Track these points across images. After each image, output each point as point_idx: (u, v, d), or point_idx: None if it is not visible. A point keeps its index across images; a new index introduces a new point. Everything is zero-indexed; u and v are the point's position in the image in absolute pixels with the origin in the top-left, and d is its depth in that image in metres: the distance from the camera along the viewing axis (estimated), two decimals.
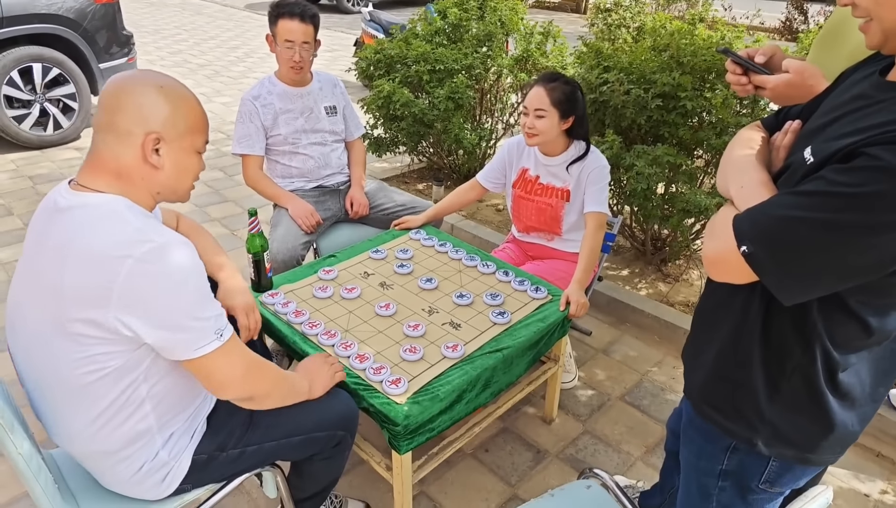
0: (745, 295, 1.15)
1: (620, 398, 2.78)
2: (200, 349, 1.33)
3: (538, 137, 2.41)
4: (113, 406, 1.37)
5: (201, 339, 1.33)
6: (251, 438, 1.63)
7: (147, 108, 1.33)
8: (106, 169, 1.35)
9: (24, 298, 1.38)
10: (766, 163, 1.18)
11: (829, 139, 1.00)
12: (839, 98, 1.09)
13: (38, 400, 1.45)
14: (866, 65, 1.11)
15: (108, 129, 1.34)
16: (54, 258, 1.29)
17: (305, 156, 2.89)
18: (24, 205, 4.37)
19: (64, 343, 1.30)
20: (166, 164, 1.38)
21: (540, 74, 2.43)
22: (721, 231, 1.05)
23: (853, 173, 0.91)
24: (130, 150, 1.34)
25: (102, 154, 1.35)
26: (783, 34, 10.51)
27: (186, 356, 1.33)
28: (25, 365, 1.44)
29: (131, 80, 1.36)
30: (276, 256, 2.61)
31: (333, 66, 8.44)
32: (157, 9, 13.27)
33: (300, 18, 2.64)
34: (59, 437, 1.47)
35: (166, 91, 1.36)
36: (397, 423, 1.71)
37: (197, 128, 1.43)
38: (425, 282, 2.31)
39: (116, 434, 1.40)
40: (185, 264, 1.29)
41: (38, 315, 1.33)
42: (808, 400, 1.15)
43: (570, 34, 4.64)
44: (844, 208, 0.91)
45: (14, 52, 4.92)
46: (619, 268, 3.68)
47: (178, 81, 1.43)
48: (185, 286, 1.29)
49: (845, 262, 0.94)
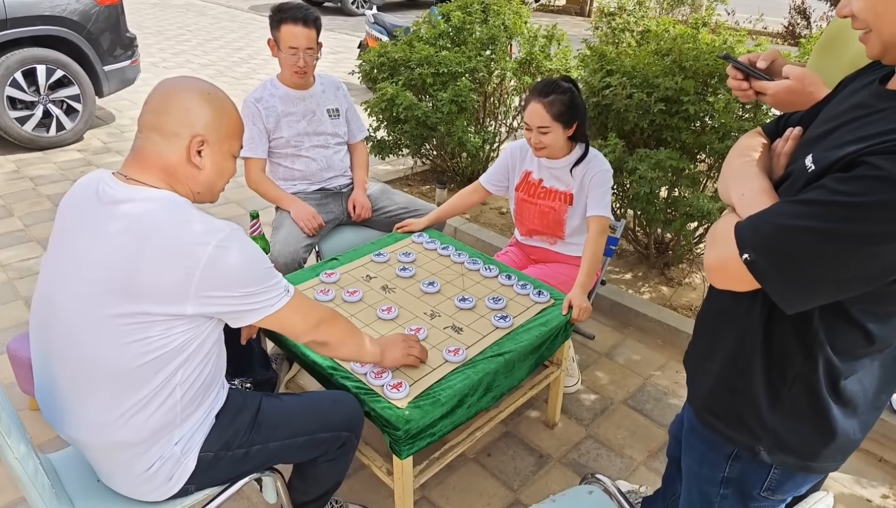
0: (746, 303, 1.15)
1: (623, 402, 2.77)
2: (275, 305, 1.49)
3: (546, 150, 2.41)
4: (152, 391, 1.41)
5: (275, 298, 1.49)
6: (256, 438, 1.64)
7: (194, 113, 1.45)
8: (153, 165, 1.44)
9: (68, 286, 1.40)
10: (767, 169, 1.18)
11: (830, 147, 1.00)
12: (839, 106, 1.09)
13: (62, 390, 1.45)
14: (866, 73, 1.11)
15: (154, 129, 1.44)
16: (124, 248, 1.33)
17: (308, 158, 2.89)
18: (25, 206, 4.37)
19: (128, 327, 1.34)
20: (207, 165, 1.49)
21: (534, 86, 2.39)
22: (723, 238, 1.05)
23: (854, 182, 0.90)
24: (176, 150, 1.44)
25: (147, 151, 1.44)
26: (786, 39, 10.49)
27: (265, 314, 1.48)
28: (58, 354, 1.44)
29: (180, 85, 1.48)
30: (278, 259, 2.60)
31: (337, 69, 8.45)
32: (160, 10, 13.30)
33: (303, 23, 2.64)
34: (76, 429, 1.46)
35: (211, 98, 1.48)
36: (398, 428, 1.70)
37: (235, 134, 1.56)
38: (427, 286, 2.31)
39: (146, 423, 1.43)
40: (250, 243, 1.45)
41: (95, 301, 1.35)
42: (809, 408, 1.14)
43: (574, 37, 4.64)
44: (845, 218, 0.90)
45: (18, 53, 4.93)
46: (622, 272, 3.67)
47: (219, 89, 1.54)
48: (256, 259, 1.45)
49: (847, 271, 0.94)
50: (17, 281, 3.50)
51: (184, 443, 1.51)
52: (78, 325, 1.38)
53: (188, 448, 1.52)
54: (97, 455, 1.51)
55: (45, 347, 1.48)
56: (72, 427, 1.47)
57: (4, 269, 3.62)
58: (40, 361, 1.51)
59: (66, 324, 1.40)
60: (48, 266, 1.46)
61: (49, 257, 1.46)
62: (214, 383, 1.57)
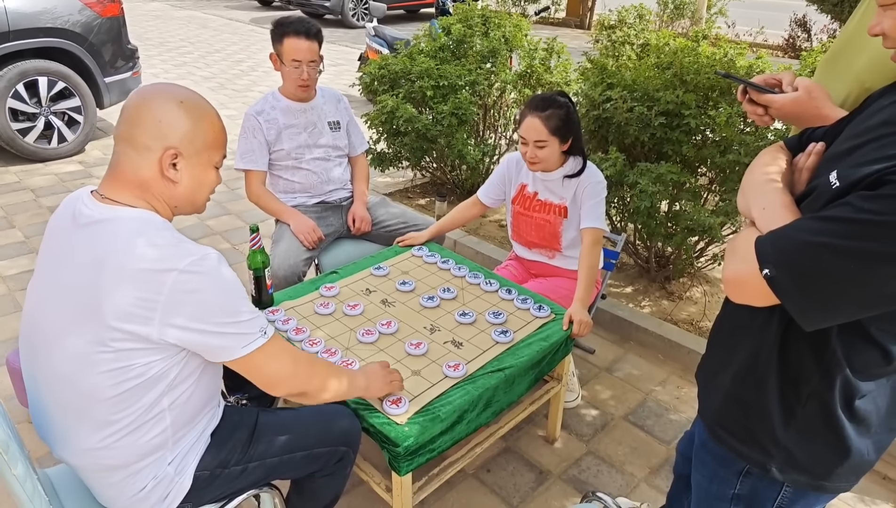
0: (763, 318, 1.13)
1: (624, 418, 2.75)
2: (248, 346, 1.38)
3: (541, 164, 2.41)
4: (137, 417, 1.37)
5: (248, 337, 1.38)
6: (253, 454, 1.62)
7: (166, 124, 1.36)
8: (128, 181, 1.38)
9: (48, 312, 1.37)
10: (789, 184, 1.17)
11: (855, 164, 0.99)
12: (865, 123, 1.08)
13: (52, 413, 1.43)
14: (893, 90, 1.10)
15: (128, 142, 1.37)
16: (88, 273, 1.29)
17: (308, 171, 2.88)
18: (26, 218, 4.37)
19: (101, 355, 1.30)
20: (184, 179, 1.41)
21: (530, 101, 2.38)
22: (743, 252, 1.04)
23: (880, 201, 0.89)
24: (148, 164, 1.37)
25: (122, 166, 1.38)
26: (786, 51, 10.53)
27: (235, 355, 1.38)
28: (41, 378, 1.42)
29: (153, 93, 1.38)
30: (278, 272, 2.59)
31: (338, 80, 8.47)
32: (162, 22, 13.36)
33: (306, 36, 2.64)
34: (67, 451, 1.45)
35: (186, 106, 1.38)
36: (398, 444, 1.69)
37: (215, 145, 1.45)
38: (427, 300, 2.29)
39: (135, 446, 1.40)
40: (224, 270, 1.35)
41: (69, 329, 1.32)
42: (823, 426, 1.13)
43: (575, 49, 4.65)
44: (870, 236, 0.89)
45: (20, 65, 4.94)
46: (622, 286, 3.66)
47: (199, 96, 1.45)
48: (228, 290, 1.35)
49: (869, 291, 0.93)
50: (18, 293, 3.49)
51: (177, 463, 1.49)
52: (57, 353, 1.36)
53: (182, 468, 1.50)
54: (90, 477, 1.49)
55: (32, 370, 1.46)
56: (63, 450, 1.46)
57: (4, 281, 3.61)
58: (30, 383, 1.49)
59: (48, 351, 1.38)
60: (31, 290, 1.43)
61: (33, 281, 1.44)
62: (207, 405, 1.54)
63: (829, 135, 1.20)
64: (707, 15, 10.31)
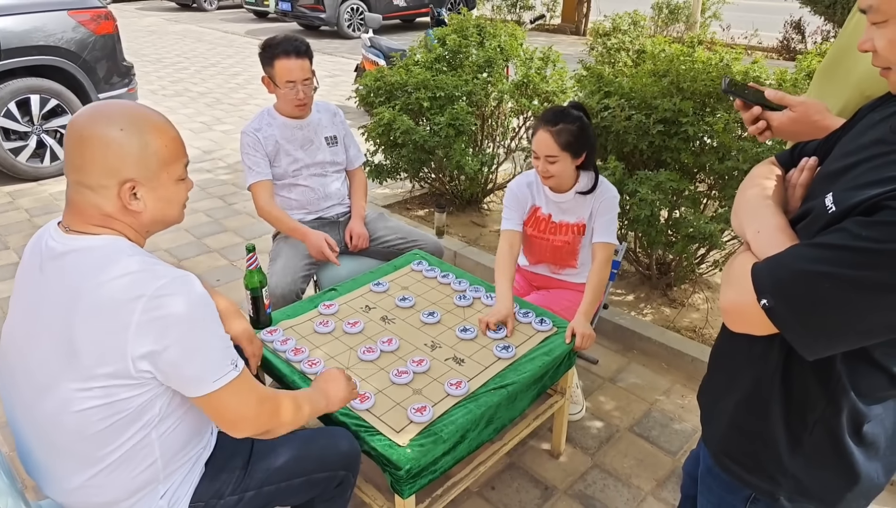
0: (761, 347, 1.11)
1: (629, 429, 2.72)
2: (218, 380, 1.30)
3: (553, 179, 2.36)
4: (124, 452, 1.33)
5: (218, 370, 1.30)
6: (249, 483, 1.58)
7: (112, 157, 1.27)
8: (90, 215, 1.31)
9: (23, 349, 1.34)
10: (782, 202, 1.14)
11: (850, 187, 0.96)
12: (859, 139, 1.05)
13: (35, 453, 1.40)
14: (886, 104, 1.07)
15: (79, 183, 1.29)
16: (60, 310, 1.25)
17: (305, 187, 2.85)
18: (20, 239, 4.33)
19: (79, 392, 1.26)
20: (148, 205, 1.34)
21: (542, 114, 2.32)
22: (739, 281, 1.01)
23: (877, 228, 0.87)
24: (108, 200, 1.30)
25: (81, 203, 1.31)
26: (781, 54, 10.54)
27: (203, 390, 1.30)
28: (23, 418, 1.39)
29: (89, 126, 1.28)
30: (276, 290, 2.55)
31: (334, 92, 8.46)
32: (158, 37, 13.36)
33: (296, 55, 2.61)
34: (54, 491, 1.41)
35: (128, 130, 1.28)
36: (400, 467, 1.65)
37: (171, 158, 1.35)
38: (427, 316, 2.26)
39: (124, 481, 1.36)
40: (196, 296, 1.27)
41: (49, 373, 1.28)
42: (832, 453, 1.10)
43: (570, 56, 4.63)
44: (868, 265, 0.87)
45: (11, 84, 4.92)
46: (624, 294, 3.63)
47: (138, 109, 1.34)
48: (199, 317, 1.28)
49: (870, 320, 0.90)
50: None
51: (170, 496, 1.45)
52: (36, 391, 1.32)
53: (175, 501, 1.46)
54: None
55: (13, 408, 1.42)
56: (51, 490, 1.42)
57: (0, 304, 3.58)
58: (12, 422, 1.45)
59: (24, 391, 1.35)
60: (6, 327, 1.39)
61: (8, 320, 1.40)
62: (199, 434, 1.50)
63: (822, 150, 1.18)
64: (701, 19, 10.32)
